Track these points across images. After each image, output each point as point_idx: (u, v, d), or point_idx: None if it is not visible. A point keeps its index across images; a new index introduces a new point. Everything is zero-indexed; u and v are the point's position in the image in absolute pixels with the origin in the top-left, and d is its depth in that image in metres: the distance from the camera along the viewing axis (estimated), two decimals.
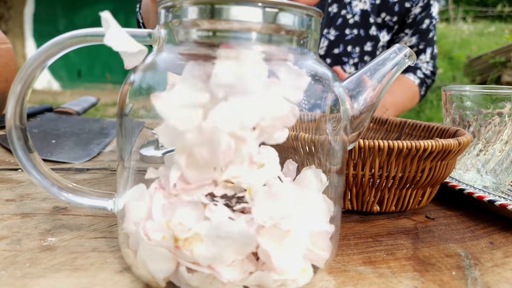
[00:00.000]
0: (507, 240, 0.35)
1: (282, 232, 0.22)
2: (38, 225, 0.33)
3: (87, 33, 0.25)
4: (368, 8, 0.88)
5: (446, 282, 0.27)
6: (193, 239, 0.22)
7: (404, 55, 0.30)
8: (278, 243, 0.22)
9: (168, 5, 0.24)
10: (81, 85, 6.00)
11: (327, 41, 0.88)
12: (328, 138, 0.27)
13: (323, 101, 0.25)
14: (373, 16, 0.89)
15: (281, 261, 0.22)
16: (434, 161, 0.37)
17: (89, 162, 0.54)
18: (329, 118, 0.26)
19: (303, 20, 0.24)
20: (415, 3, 0.90)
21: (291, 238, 0.23)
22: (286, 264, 0.22)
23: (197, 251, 0.22)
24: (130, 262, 0.25)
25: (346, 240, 0.33)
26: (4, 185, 0.43)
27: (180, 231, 0.22)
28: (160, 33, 0.25)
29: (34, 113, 0.75)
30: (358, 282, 0.27)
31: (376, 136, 0.54)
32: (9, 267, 0.26)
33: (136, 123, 0.26)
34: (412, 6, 0.90)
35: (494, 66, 4.71)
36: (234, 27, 0.23)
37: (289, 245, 0.23)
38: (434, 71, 1.01)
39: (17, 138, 0.26)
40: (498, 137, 0.45)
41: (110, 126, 0.71)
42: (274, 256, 0.22)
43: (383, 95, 0.30)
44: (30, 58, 0.25)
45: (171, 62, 0.25)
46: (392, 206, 0.39)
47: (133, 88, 0.25)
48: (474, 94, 0.45)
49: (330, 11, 0.87)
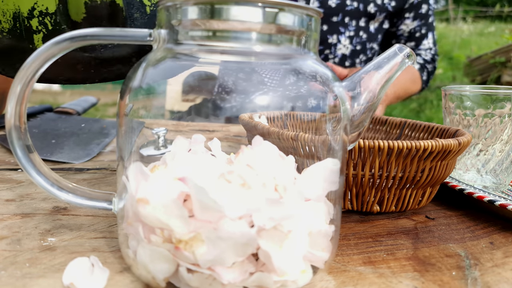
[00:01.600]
0: (507, 240, 0.35)
1: (282, 234, 0.22)
2: (38, 225, 0.33)
3: (87, 33, 0.25)
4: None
5: (446, 282, 0.27)
6: (193, 241, 0.22)
7: (404, 55, 0.30)
8: (279, 245, 0.22)
9: (168, 5, 0.24)
10: (81, 85, 5.99)
11: (323, 9, 0.88)
12: (328, 138, 0.27)
13: (323, 101, 0.25)
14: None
15: (282, 262, 0.22)
16: (434, 161, 0.37)
17: (89, 162, 0.54)
18: (329, 118, 0.26)
19: (303, 20, 0.24)
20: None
21: (291, 240, 0.23)
22: (287, 265, 0.22)
23: (199, 253, 0.22)
24: (130, 262, 0.25)
25: (346, 240, 0.33)
26: (4, 185, 0.43)
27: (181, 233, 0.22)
28: (160, 33, 0.25)
29: (34, 113, 0.75)
30: (358, 282, 0.27)
31: (376, 136, 0.54)
32: (9, 267, 0.26)
33: (136, 123, 0.26)
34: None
35: (494, 66, 4.71)
36: (234, 27, 0.23)
37: (289, 246, 0.23)
38: (434, 58, 1.03)
39: (17, 138, 0.26)
40: (498, 137, 0.45)
41: (110, 126, 0.71)
42: (275, 257, 0.22)
43: (383, 95, 0.30)
44: (30, 58, 0.25)
45: (171, 62, 0.25)
46: (392, 206, 0.39)
47: (133, 88, 0.25)
48: (474, 94, 0.45)
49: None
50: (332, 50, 0.91)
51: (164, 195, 0.22)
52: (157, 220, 0.22)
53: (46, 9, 0.33)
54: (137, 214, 0.23)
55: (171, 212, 0.22)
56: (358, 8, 0.89)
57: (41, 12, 0.33)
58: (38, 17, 0.33)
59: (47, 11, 0.33)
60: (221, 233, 0.21)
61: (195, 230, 0.22)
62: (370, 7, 0.90)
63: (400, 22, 0.96)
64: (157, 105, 0.25)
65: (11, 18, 0.32)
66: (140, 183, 0.24)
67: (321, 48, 0.91)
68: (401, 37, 1.00)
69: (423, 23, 0.97)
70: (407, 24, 0.96)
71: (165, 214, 0.22)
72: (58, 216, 0.35)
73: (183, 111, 0.24)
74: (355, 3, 0.89)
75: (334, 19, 0.89)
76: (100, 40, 0.25)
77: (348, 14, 0.89)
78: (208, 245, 0.22)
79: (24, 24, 0.33)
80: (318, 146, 0.30)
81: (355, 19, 0.90)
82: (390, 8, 0.92)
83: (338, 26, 0.90)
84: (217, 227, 0.21)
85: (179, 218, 0.22)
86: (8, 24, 0.32)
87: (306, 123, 0.35)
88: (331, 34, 0.90)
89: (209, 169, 0.24)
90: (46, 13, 0.33)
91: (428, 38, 0.99)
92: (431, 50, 1.01)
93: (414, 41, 1.00)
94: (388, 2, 0.91)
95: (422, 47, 1.00)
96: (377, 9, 0.91)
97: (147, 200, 0.22)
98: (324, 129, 0.27)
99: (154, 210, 0.22)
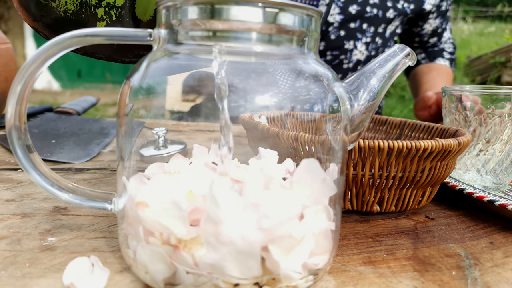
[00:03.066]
0: (507, 240, 0.35)
1: (295, 241, 0.22)
2: (38, 225, 0.33)
3: (87, 33, 0.25)
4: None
5: (446, 282, 0.27)
6: (193, 243, 0.22)
7: (404, 55, 0.30)
8: (283, 249, 0.22)
9: (168, 5, 0.24)
10: (81, 85, 6.00)
11: (343, 15, 0.88)
12: (328, 138, 0.27)
13: (323, 101, 0.25)
14: (391, 0, 0.91)
15: (286, 267, 0.22)
16: (434, 161, 0.37)
17: (89, 162, 0.54)
18: (329, 118, 0.26)
19: (303, 20, 0.24)
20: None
21: (295, 243, 0.23)
22: (291, 269, 0.22)
23: (198, 255, 0.21)
24: (130, 262, 0.25)
25: (346, 240, 0.33)
26: (4, 185, 0.43)
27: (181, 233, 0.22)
28: (160, 33, 0.25)
29: (34, 113, 0.75)
30: (358, 282, 0.27)
31: (376, 136, 0.54)
32: (9, 267, 0.26)
33: (136, 123, 0.26)
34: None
35: (494, 66, 4.71)
36: (234, 27, 0.23)
37: (293, 251, 0.23)
38: (454, 46, 1.07)
39: (17, 138, 0.26)
40: (498, 137, 0.45)
41: (110, 126, 0.71)
42: (281, 262, 0.22)
43: (383, 95, 0.30)
44: (30, 58, 0.25)
45: (171, 62, 0.25)
46: (392, 206, 0.39)
47: (133, 88, 0.25)
48: (474, 94, 0.45)
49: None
50: (348, 56, 0.91)
51: (163, 197, 0.22)
52: (156, 223, 0.22)
53: (114, 2, 0.34)
54: (136, 217, 0.23)
55: (171, 214, 0.22)
56: (377, 15, 0.90)
57: (109, 3, 0.34)
58: (105, 7, 0.34)
59: (115, 4, 0.34)
60: (222, 237, 0.21)
61: (196, 232, 0.22)
62: (389, 13, 0.91)
63: (423, 23, 0.98)
64: (157, 105, 0.25)
65: (78, 2, 0.33)
66: (139, 186, 0.24)
67: (337, 53, 0.91)
68: (425, 35, 1.02)
69: (444, 19, 1.00)
70: (430, 23, 0.98)
71: (165, 216, 0.22)
72: (58, 216, 0.35)
73: (184, 111, 0.24)
74: (374, 10, 0.89)
75: (352, 25, 0.89)
76: (101, 39, 0.25)
77: (367, 21, 0.90)
78: (208, 248, 0.21)
79: (90, 11, 0.33)
80: (318, 146, 0.30)
81: (374, 25, 0.90)
82: (408, 11, 0.93)
83: (355, 32, 0.90)
84: (218, 230, 0.21)
85: (179, 219, 0.22)
86: (74, 7, 0.33)
87: (306, 123, 0.35)
88: (348, 40, 0.90)
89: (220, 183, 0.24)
90: (113, 6, 0.34)
91: (447, 30, 1.04)
92: (450, 39, 1.06)
93: (436, 36, 1.03)
94: (407, 6, 0.92)
95: (443, 40, 1.04)
96: (396, 14, 0.91)
97: (146, 204, 0.22)
98: (324, 129, 0.27)
99: (153, 213, 0.22)
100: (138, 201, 0.23)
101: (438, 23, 0.99)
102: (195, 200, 0.23)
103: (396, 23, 0.94)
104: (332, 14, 0.88)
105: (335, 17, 0.88)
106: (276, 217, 0.21)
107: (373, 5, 0.89)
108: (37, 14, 0.34)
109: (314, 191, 0.24)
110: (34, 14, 0.34)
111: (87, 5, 0.32)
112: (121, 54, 0.38)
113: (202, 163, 0.29)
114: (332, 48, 0.91)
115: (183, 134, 0.69)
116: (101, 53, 0.38)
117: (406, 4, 0.92)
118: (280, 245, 0.22)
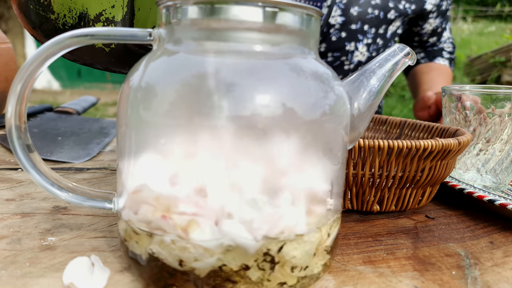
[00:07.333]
0: (507, 239, 0.35)
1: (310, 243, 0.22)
2: (38, 225, 0.33)
3: (87, 33, 0.25)
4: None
5: (446, 282, 0.27)
6: (189, 226, 0.22)
7: (404, 55, 0.30)
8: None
9: (168, 4, 0.24)
10: (81, 84, 6.00)
11: (344, 17, 0.89)
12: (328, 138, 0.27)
13: (323, 100, 0.25)
14: (393, 1, 0.91)
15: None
16: (434, 161, 0.37)
17: (89, 161, 0.54)
18: (329, 118, 0.26)
19: (303, 19, 0.24)
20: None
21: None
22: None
23: (192, 236, 0.22)
24: (130, 262, 0.25)
25: (346, 239, 0.33)
26: (4, 184, 0.43)
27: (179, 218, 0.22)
28: (160, 32, 0.25)
29: (34, 113, 0.75)
30: (358, 282, 0.27)
31: (376, 136, 0.54)
32: (9, 267, 0.26)
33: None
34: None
35: (494, 65, 4.71)
36: (234, 27, 0.23)
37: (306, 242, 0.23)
38: (454, 45, 1.07)
39: (17, 137, 0.26)
40: (498, 137, 0.45)
41: (110, 126, 0.71)
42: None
43: (383, 94, 0.30)
44: (30, 57, 0.25)
45: (171, 61, 0.25)
46: (392, 205, 0.39)
47: (133, 88, 0.25)
48: (474, 94, 0.45)
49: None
50: (349, 57, 0.91)
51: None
52: (154, 200, 0.22)
53: (113, 17, 0.34)
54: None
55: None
56: (379, 16, 0.90)
57: (107, 18, 0.34)
58: (103, 22, 0.34)
59: (113, 19, 0.34)
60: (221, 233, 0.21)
61: (195, 213, 0.22)
62: (391, 14, 0.91)
63: (423, 22, 0.99)
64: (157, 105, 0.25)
65: (76, 16, 0.33)
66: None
67: (338, 54, 0.91)
68: (424, 35, 1.02)
69: (444, 19, 1.01)
70: (430, 23, 0.99)
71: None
72: (58, 216, 0.35)
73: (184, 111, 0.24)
74: (376, 11, 0.90)
75: (353, 27, 0.89)
76: (101, 39, 0.25)
77: (368, 22, 0.90)
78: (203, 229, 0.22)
79: (89, 25, 0.34)
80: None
81: (375, 26, 0.91)
82: (410, 11, 0.93)
83: (356, 34, 0.90)
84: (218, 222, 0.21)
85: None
86: (73, 20, 0.33)
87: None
88: (349, 41, 0.90)
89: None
90: (112, 20, 0.34)
91: (446, 30, 1.04)
92: (450, 39, 1.06)
93: (436, 36, 1.03)
94: (408, 6, 0.92)
95: (442, 39, 1.04)
96: (397, 15, 0.92)
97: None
98: (324, 128, 0.27)
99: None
100: (134, 190, 0.23)
101: (438, 22, 0.99)
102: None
103: (397, 24, 0.94)
104: (334, 16, 0.88)
105: (337, 18, 0.88)
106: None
107: (374, 6, 0.89)
108: (36, 22, 0.34)
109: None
110: (33, 22, 0.34)
111: (85, 20, 0.33)
112: (119, 66, 0.38)
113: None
114: (333, 49, 0.90)
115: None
116: (99, 64, 0.38)
117: (407, 4, 0.92)
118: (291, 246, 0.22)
